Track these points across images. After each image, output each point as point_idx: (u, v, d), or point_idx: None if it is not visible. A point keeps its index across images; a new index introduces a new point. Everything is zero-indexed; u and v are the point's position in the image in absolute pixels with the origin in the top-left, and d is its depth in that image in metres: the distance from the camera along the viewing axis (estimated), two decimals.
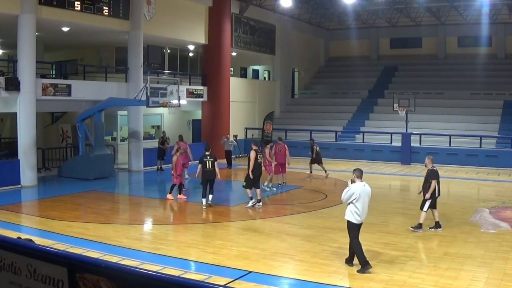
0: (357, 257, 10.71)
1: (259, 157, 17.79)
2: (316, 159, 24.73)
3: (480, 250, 12.19)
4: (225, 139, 27.88)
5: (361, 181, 10.80)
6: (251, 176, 17.34)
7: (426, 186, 14.07)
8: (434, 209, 14.09)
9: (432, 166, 14.15)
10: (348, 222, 10.76)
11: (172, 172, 18.60)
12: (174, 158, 18.53)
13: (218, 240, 13.24)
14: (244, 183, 17.64)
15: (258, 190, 17.64)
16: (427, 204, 13.92)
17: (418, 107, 30.47)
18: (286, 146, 22.30)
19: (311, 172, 25.09)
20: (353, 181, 10.81)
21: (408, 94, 30.84)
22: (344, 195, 10.73)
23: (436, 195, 14.04)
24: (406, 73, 40.97)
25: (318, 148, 25.03)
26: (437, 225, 14.12)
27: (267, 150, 20.81)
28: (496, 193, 21.50)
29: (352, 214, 10.66)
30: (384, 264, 11.12)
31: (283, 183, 22.03)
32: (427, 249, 12.29)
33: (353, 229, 10.73)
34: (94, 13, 23.44)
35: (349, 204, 10.70)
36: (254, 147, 17.76)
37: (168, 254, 11.80)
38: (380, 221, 15.51)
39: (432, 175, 13.95)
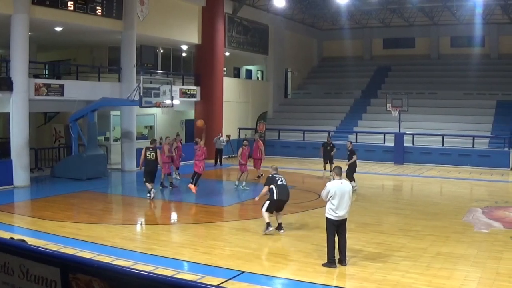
0: (327, 252, 10.95)
1: (148, 154, 18.75)
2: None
3: (473, 250, 12.23)
4: (217, 138, 27.81)
5: (340, 179, 11.16)
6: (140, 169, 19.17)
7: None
8: (279, 212, 13.95)
9: (273, 174, 14.00)
10: (326, 218, 11.06)
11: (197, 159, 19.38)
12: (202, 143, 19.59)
13: (211, 240, 13.24)
14: (144, 179, 18.79)
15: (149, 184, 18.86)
16: (266, 205, 13.67)
17: (411, 107, 30.55)
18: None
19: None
20: (333, 179, 11.29)
21: (401, 94, 30.91)
22: (323, 193, 11.20)
23: (275, 197, 13.60)
24: (399, 73, 41.05)
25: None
26: (279, 227, 13.85)
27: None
28: (489, 193, 21.56)
29: (328, 211, 10.99)
30: (377, 264, 11.14)
31: (261, 175, 22.94)
32: (420, 249, 12.31)
33: (330, 225, 10.99)
34: (87, 13, 23.38)
35: (327, 201, 11.04)
36: (146, 146, 19.19)
37: (161, 254, 11.77)
38: (374, 221, 15.55)
39: (268, 181, 13.85)
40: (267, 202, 13.74)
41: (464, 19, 37.88)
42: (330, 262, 10.88)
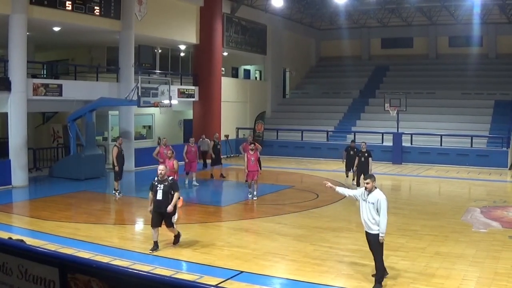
0: (380, 272, 9.90)
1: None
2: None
3: (472, 250, 12.24)
4: (201, 140, 26.96)
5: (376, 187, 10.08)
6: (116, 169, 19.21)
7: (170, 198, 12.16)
8: (158, 228, 12.17)
9: (172, 177, 12.86)
10: (374, 235, 9.89)
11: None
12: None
13: (210, 240, 13.22)
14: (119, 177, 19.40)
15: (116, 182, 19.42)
16: (176, 217, 12.63)
17: (409, 107, 30.55)
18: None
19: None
20: (370, 191, 9.96)
21: (399, 94, 30.89)
22: (385, 210, 9.85)
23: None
24: (397, 73, 41.01)
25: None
26: (155, 246, 12.14)
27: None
28: (487, 192, 21.55)
29: (376, 225, 9.89)
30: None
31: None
32: (419, 248, 12.31)
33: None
34: (85, 13, 23.37)
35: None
36: (117, 143, 19.59)
37: (160, 254, 11.78)
38: None
39: (175, 186, 12.25)
40: (175, 216, 12.63)
41: (462, 19, 37.89)
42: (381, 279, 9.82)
